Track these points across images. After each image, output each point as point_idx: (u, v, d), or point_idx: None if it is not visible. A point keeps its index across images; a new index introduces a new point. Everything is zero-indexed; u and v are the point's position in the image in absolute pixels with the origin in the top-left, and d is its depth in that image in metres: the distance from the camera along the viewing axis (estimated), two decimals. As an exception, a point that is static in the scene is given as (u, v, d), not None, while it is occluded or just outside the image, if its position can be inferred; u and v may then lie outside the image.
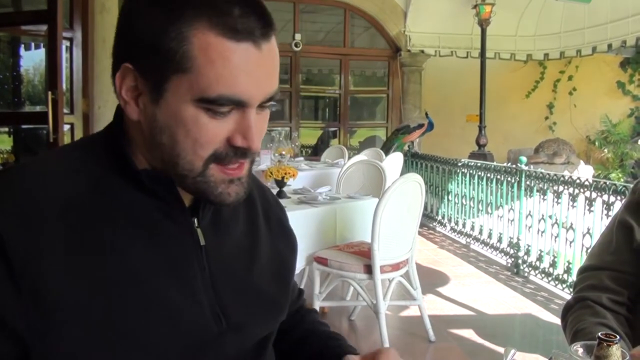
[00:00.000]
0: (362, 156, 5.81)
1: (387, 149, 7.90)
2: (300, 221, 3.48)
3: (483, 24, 8.57)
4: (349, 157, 6.54)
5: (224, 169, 0.83)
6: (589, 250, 1.53)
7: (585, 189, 4.44)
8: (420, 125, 8.48)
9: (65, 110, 3.52)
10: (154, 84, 0.79)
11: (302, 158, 7.05)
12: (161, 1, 0.78)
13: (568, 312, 1.38)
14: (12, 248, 0.72)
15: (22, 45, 5.58)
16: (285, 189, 3.96)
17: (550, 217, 4.95)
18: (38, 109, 5.24)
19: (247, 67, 0.78)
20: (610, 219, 1.64)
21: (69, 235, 0.76)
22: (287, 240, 1.10)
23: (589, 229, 4.38)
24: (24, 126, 4.77)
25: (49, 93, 3.12)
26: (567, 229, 4.68)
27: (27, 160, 0.87)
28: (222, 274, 0.91)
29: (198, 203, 0.91)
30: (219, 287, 0.90)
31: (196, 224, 0.90)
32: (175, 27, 0.76)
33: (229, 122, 0.80)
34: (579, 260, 4.52)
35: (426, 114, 8.71)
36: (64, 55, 3.52)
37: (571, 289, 4.37)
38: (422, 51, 9.71)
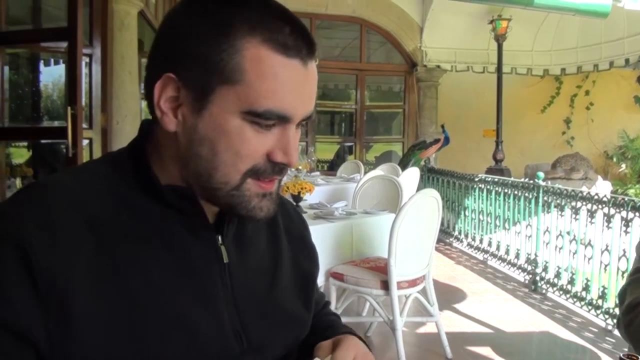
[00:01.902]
0: (379, 171, 5.81)
1: (404, 164, 7.89)
2: (317, 236, 3.43)
3: (499, 39, 8.59)
4: (365, 172, 6.54)
5: (259, 183, 0.83)
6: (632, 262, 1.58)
7: (604, 205, 4.40)
8: (437, 141, 8.48)
9: (84, 125, 3.55)
10: (199, 95, 0.79)
11: (318, 173, 7.05)
12: (213, 13, 0.79)
13: (636, 307, 1.40)
14: (38, 262, 0.72)
15: (42, 61, 5.65)
16: (301, 203, 3.97)
17: (568, 233, 4.91)
18: (57, 123, 5.29)
19: (294, 84, 0.80)
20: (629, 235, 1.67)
21: (94, 251, 0.76)
22: (308, 255, 1.10)
23: (607, 246, 4.34)
24: (42, 141, 4.82)
25: (69, 108, 3.15)
26: (585, 246, 4.64)
27: (53, 175, 0.87)
28: (245, 292, 0.91)
29: (222, 219, 0.90)
30: (241, 305, 0.89)
31: (220, 241, 0.89)
32: (227, 38, 0.77)
33: (270, 137, 0.81)
34: (597, 278, 4.48)
35: (442, 127, 8.71)
36: (84, 71, 3.55)
37: (589, 307, 4.35)
38: (439, 66, 9.73)
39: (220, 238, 0.90)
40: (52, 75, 6.00)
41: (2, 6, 3.27)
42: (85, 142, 4.01)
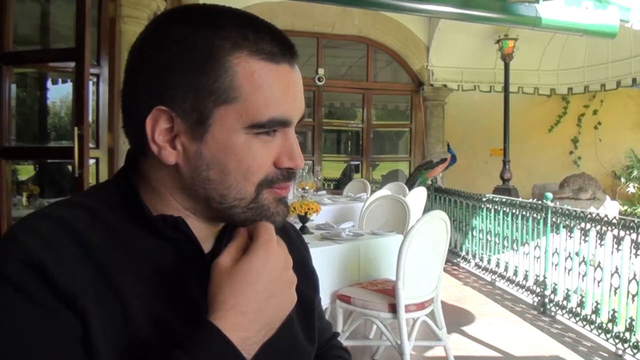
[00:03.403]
0: (386, 191, 5.78)
1: (410, 184, 7.86)
2: (324, 258, 3.44)
3: (506, 58, 8.60)
4: (372, 191, 6.51)
5: (274, 190, 0.83)
6: None
7: (613, 227, 4.35)
8: (443, 160, 8.45)
9: (90, 145, 3.54)
10: (196, 121, 0.78)
11: (324, 192, 7.04)
12: (192, 41, 0.77)
13: None
14: (59, 284, 0.71)
15: (50, 80, 5.66)
16: (308, 224, 3.94)
17: (577, 254, 4.85)
18: (64, 143, 5.29)
19: (287, 88, 0.81)
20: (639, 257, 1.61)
21: (93, 279, 0.74)
22: (308, 280, 1.06)
23: (617, 268, 4.29)
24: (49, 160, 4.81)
25: (75, 129, 3.14)
26: (595, 268, 4.58)
27: (41, 210, 0.83)
28: None
29: (217, 249, 0.87)
30: None
31: None
32: (215, 60, 0.77)
33: (274, 145, 0.81)
34: (607, 301, 4.42)
35: (448, 145, 8.69)
36: (91, 90, 3.55)
37: (599, 331, 4.28)
38: (445, 85, 9.73)
39: None
40: (60, 93, 6.02)
41: (10, 27, 3.27)
42: (92, 161, 4.00)
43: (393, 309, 3.40)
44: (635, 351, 4.03)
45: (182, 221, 0.83)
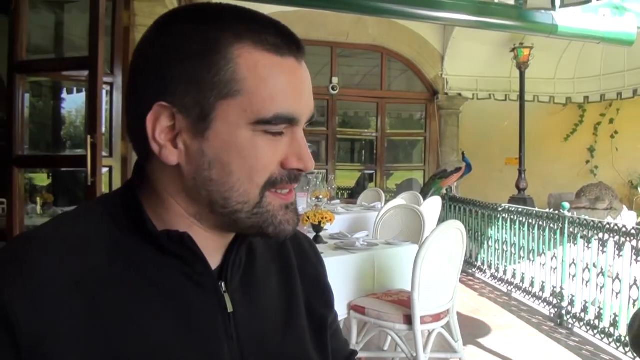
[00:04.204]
0: (400, 200, 5.73)
1: (424, 193, 7.81)
2: (338, 268, 3.40)
3: (521, 67, 8.54)
4: (386, 200, 6.47)
5: (278, 195, 0.80)
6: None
7: (632, 238, 4.28)
8: (458, 169, 8.40)
9: (104, 153, 3.55)
10: (198, 117, 0.75)
11: (338, 201, 6.99)
12: (193, 33, 0.75)
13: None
14: (21, 328, 0.66)
15: (65, 89, 5.69)
16: (322, 233, 3.91)
17: (595, 265, 4.78)
18: (79, 151, 5.31)
19: (294, 83, 0.77)
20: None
21: (85, 310, 0.70)
22: (322, 296, 1.02)
23: (635, 280, 4.21)
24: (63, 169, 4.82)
25: (88, 137, 3.14)
26: (613, 279, 4.50)
27: (41, 227, 0.80)
28: (253, 342, 0.84)
29: (226, 265, 0.85)
30: (248, 357, 0.83)
31: (224, 288, 0.83)
32: (217, 51, 0.74)
33: (281, 144, 0.78)
34: (626, 313, 4.33)
35: (463, 154, 8.64)
36: (104, 99, 3.55)
37: (618, 344, 4.21)
38: (460, 94, 9.69)
39: (223, 285, 0.83)
40: (76, 103, 6.05)
41: (23, 36, 3.28)
42: (105, 170, 4.01)
43: (408, 320, 3.35)
44: (655, 365, 3.95)
45: (187, 237, 0.79)
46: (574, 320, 5.06)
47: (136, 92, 0.79)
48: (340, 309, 3.50)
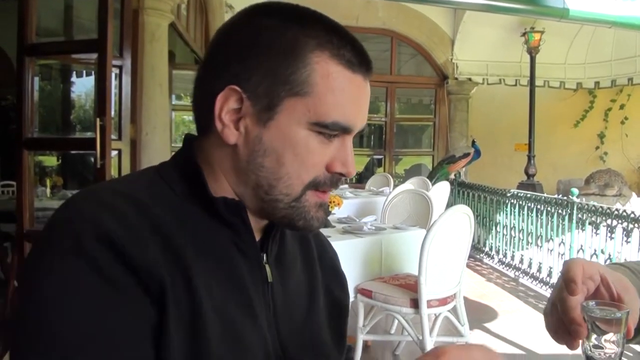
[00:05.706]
0: (409, 185, 5.73)
1: (431, 178, 7.79)
2: (345, 252, 3.41)
3: (532, 51, 8.48)
4: (395, 185, 6.46)
5: (317, 193, 0.85)
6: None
7: (641, 224, 4.27)
8: (466, 155, 8.36)
9: (113, 137, 3.55)
10: (265, 107, 0.81)
11: (346, 186, 6.99)
12: (281, 29, 0.81)
13: None
14: (131, 256, 0.71)
15: (74, 72, 5.70)
16: (330, 217, 3.92)
17: (602, 252, 4.77)
18: (89, 134, 5.35)
19: (357, 98, 0.84)
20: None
21: (163, 252, 0.75)
22: (339, 284, 1.08)
23: (645, 266, 4.19)
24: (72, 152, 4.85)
25: (97, 120, 3.15)
26: (621, 265, 4.49)
27: (104, 182, 0.89)
28: (285, 313, 0.90)
29: (267, 237, 0.90)
30: (281, 326, 0.89)
31: (264, 259, 0.89)
32: (298, 53, 0.80)
33: (331, 148, 0.83)
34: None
35: (473, 141, 8.60)
36: (113, 82, 3.56)
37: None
38: (470, 79, 9.63)
39: (264, 257, 0.89)
40: (85, 86, 6.06)
41: (33, 19, 3.28)
42: (114, 153, 4.02)
43: (415, 304, 3.37)
44: (662, 350, 3.95)
45: (242, 205, 0.84)
46: (581, 305, 5.05)
47: (214, 69, 0.84)
48: (351, 292, 3.51)
